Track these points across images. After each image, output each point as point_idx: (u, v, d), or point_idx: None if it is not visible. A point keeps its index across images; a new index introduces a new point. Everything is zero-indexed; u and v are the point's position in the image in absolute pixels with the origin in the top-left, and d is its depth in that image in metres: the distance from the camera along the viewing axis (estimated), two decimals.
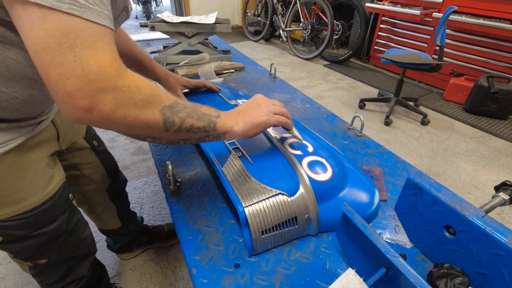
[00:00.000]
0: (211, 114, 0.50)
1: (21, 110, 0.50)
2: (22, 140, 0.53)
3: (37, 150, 0.58)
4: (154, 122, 0.41)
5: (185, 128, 0.45)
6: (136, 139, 0.45)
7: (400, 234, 0.58)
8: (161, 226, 1.34)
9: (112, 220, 1.02)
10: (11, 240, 0.57)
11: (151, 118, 0.41)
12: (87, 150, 0.82)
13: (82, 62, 0.34)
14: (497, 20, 2.36)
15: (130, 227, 1.13)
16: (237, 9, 4.89)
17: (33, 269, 0.67)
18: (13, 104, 0.48)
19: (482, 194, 1.71)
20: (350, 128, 0.91)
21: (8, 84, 0.45)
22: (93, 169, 0.85)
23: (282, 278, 0.49)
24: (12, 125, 0.51)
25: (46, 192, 0.58)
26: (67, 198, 0.65)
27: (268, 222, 0.51)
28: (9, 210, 0.54)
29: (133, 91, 0.38)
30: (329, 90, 2.96)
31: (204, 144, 0.68)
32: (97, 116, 0.36)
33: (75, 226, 0.68)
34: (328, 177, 0.58)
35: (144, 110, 0.40)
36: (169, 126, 0.43)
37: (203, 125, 0.48)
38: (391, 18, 3.17)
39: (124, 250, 1.23)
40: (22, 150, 0.54)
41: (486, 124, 2.39)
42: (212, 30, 1.24)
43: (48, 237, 0.61)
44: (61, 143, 0.69)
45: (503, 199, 0.53)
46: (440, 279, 0.44)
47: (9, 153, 0.51)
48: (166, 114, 0.42)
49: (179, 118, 0.44)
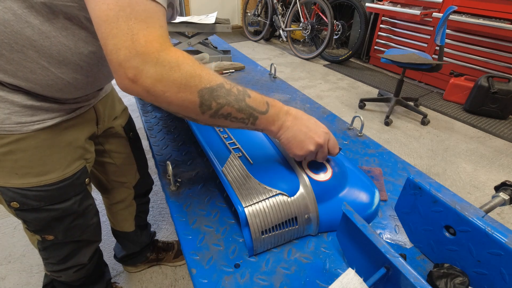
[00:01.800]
0: (256, 108, 0.48)
1: (64, 90, 0.54)
2: (58, 120, 0.56)
3: (71, 132, 0.61)
4: (191, 102, 0.42)
5: (222, 115, 0.45)
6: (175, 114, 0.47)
7: (400, 234, 0.58)
8: (171, 244, 1.29)
9: (128, 221, 1.02)
10: (26, 209, 0.60)
11: (188, 97, 0.42)
12: (123, 139, 0.84)
13: (133, 35, 0.37)
14: (497, 20, 2.36)
15: (142, 237, 1.11)
16: (237, 9, 4.89)
17: (41, 244, 0.70)
18: (58, 84, 0.52)
19: (482, 194, 1.71)
20: (350, 128, 0.91)
21: (57, 66, 0.50)
22: (124, 160, 0.86)
23: (282, 278, 0.49)
24: (53, 106, 0.55)
25: (67, 171, 0.62)
26: (83, 182, 0.67)
27: (268, 222, 0.51)
28: (30, 181, 0.57)
29: (173, 67, 0.40)
30: (329, 90, 2.96)
31: (204, 144, 0.68)
32: (140, 88, 0.39)
33: (85, 210, 0.70)
34: (328, 177, 0.58)
35: (182, 88, 0.41)
36: (205, 109, 0.43)
37: (241, 116, 0.47)
38: (391, 18, 3.17)
39: (129, 262, 1.19)
40: (57, 129, 0.57)
41: (486, 124, 2.39)
42: (212, 30, 1.24)
43: (59, 213, 0.64)
44: (100, 129, 0.73)
45: (503, 199, 0.53)
46: (440, 279, 0.44)
47: (44, 130, 0.55)
48: (204, 97, 0.43)
49: (217, 103, 0.44)
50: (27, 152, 0.55)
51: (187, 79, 0.41)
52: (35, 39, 0.46)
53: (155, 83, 0.39)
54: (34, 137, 0.54)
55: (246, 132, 0.71)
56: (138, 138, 0.91)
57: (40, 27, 0.45)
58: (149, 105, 1.02)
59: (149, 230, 1.18)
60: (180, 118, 0.93)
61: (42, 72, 0.49)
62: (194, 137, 0.84)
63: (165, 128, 0.90)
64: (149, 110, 1.00)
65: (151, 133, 0.87)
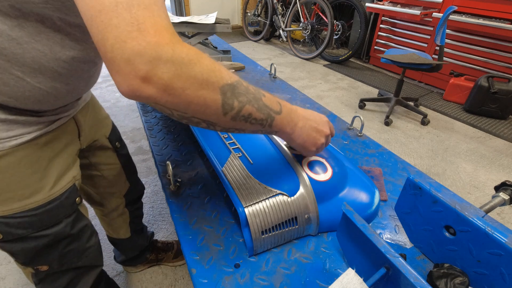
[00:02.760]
0: (272, 107, 0.45)
1: (42, 101, 0.49)
2: (36, 134, 0.51)
3: (52, 146, 0.56)
4: (213, 100, 0.37)
5: (243, 116, 0.41)
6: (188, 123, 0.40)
7: (400, 234, 0.58)
8: (170, 244, 1.28)
9: (122, 228, 0.99)
10: (11, 239, 0.54)
11: (210, 95, 0.36)
12: (109, 151, 0.80)
13: (140, 24, 0.31)
14: (497, 20, 2.36)
15: (139, 240, 1.10)
16: (237, 9, 4.89)
17: (35, 277, 0.64)
18: (36, 95, 0.47)
19: (482, 194, 1.71)
20: (350, 128, 0.91)
21: (32, 75, 0.45)
22: (113, 171, 0.83)
23: (282, 278, 0.49)
24: (30, 119, 0.49)
25: (53, 191, 0.56)
26: (74, 201, 0.61)
27: (268, 222, 0.51)
28: (12, 206, 0.51)
29: (191, 59, 0.34)
30: (329, 90, 2.96)
31: (204, 144, 0.68)
32: (155, 87, 0.33)
33: (80, 232, 0.64)
34: (328, 177, 0.58)
35: (204, 84, 0.35)
36: (228, 109, 0.38)
37: (261, 117, 0.43)
38: (391, 18, 3.17)
39: (128, 263, 1.20)
40: (36, 145, 0.52)
41: (486, 124, 2.39)
42: (212, 30, 1.24)
43: (51, 240, 0.58)
44: (82, 142, 0.67)
45: (503, 199, 0.53)
46: (440, 279, 0.44)
47: (22, 147, 0.49)
48: (226, 94, 0.38)
49: (239, 102, 0.39)
50: (5, 173, 0.49)
51: (208, 74, 0.36)
52: (5, 47, 0.41)
53: (173, 79, 0.33)
54: (11, 155, 0.49)
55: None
56: (124, 146, 0.88)
57: (9, 33, 0.40)
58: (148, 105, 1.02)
59: (146, 233, 1.17)
60: None
61: (16, 83, 0.44)
62: (194, 137, 0.84)
63: (165, 128, 0.90)
64: (149, 110, 1.00)
65: (151, 133, 0.87)
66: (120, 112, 2.41)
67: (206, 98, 0.36)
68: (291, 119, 0.49)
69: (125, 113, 2.40)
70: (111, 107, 2.47)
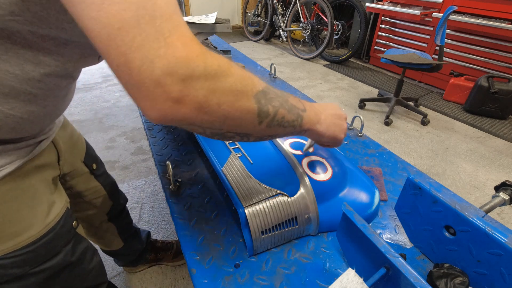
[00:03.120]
0: (298, 106, 0.43)
1: (17, 128, 0.43)
2: (18, 164, 0.46)
3: (36, 175, 0.51)
4: (249, 110, 0.34)
5: (277, 121, 0.39)
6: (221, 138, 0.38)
7: (400, 234, 0.58)
8: (170, 244, 1.26)
9: (114, 240, 0.96)
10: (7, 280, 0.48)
11: (246, 105, 0.34)
12: (87, 174, 0.76)
13: (166, 39, 0.27)
14: (497, 20, 2.36)
15: (134, 245, 1.07)
16: (237, 9, 4.89)
17: None
18: (8, 123, 0.41)
19: (482, 194, 1.71)
20: (350, 128, 0.91)
21: (3, 101, 0.38)
22: (94, 194, 0.81)
23: (282, 278, 0.49)
24: (8, 147, 0.44)
25: (47, 222, 0.51)
26: (71, 227, 0.57)
27: (268, 222, 0.51)
28: (5, 246, 0.46)
29: (223, 72, 0.31)
30: (329, 90, 2.96)
31: (204, 144, 0.68)
32: (189, 107, 0.30)
33: (81, 257, 0.60)
34: (328, 177, 0.58)
35: (238, 95, 0.33)
36: (263, 116, 0.36)
37: (292, 119, 0.41)
38: (391, 18, 3.17)
39: (128, 265, 1.19)
40: (19, 175, 0.47)
41: (486, 124, 2.39)
42: (212, 30, 1.24)
43: (51, 272, 0.53)
44: (62, 166, 0.63)
45: (503, 199, 0.53)
46: (440, 279, 0.44)
47: (3, 180, 0.44)
48: (261, 101, 0.35)
49: (273, 107, 0.37)
50: None
51: (242, 83, 0.33)
52: None
53: (208, 95, 0.30)
54: None
55: None
56: (100, 164, 0.84)
57: None
58: None
59: (140, 236, 1.12)
60: None
61: None
62: (194, 137, 0.84)
63: (165, 128, 0.89)
64: None
65: (151, 133, 0.87)
66: (120, 112, 2.41)
67: (243, 109, 0.34)
68: (315, 114, 0.47)
69: (125, 113, 2.40)
70: (111, 107, 2.47)
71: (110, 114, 2.38)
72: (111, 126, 2.23)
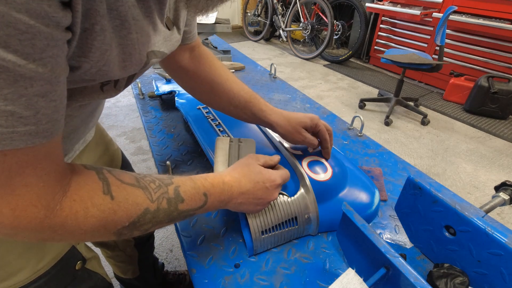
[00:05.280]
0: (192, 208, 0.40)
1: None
2: None
3: None
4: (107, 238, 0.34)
5: (152, 229, 0.38)
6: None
7: (400, 234, 0.58)
8: (182, 276, 1.17)
9: (130, 269, 0.90)
10: None
11: (103, 238, 0.34)
12: None
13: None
14: (497, 20, 2.36)
15: (148, 278, 0.98)
16: (237, 9, 4.89)
17: None
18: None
19: (482, 194, 1.71)
20: (350, 128, 0.91)
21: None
22: None
23: (282, 278, 0.49)
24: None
25: (40, 266, 0.45)
26: (73, 269, 0.50)
27: (268, 222, 0.51)
28: None
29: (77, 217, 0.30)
30: (329, 90, 2.96)
31: (204, 144, 0.68)
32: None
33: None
34: (328, 177, 0.58)
35: (94, 232, 0.32)
36: (123, 236, 0.35)
37: (176, 221, 0.40)
38: (391, 18, 3.17)
39: None
40: None
41: (486, 124, 2.39)
42: (212, 30, 1.24)
43: None
44: None
45: (503, 199, 0.53)
46: (440, 279, 0.44)
47: None
48: (122, 233, 0.34)
49: (140, 231, 0.36)
50: None
51: (98, 229, 0.32)
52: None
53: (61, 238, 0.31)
54: None
55: (246, 131, 0.71)
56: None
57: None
58: (149, 105, 1.02)
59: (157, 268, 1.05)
60: (181, 118, 0.93)
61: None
62: (194, 137, 0.84)
63: (165, 128, 0.89)
64: (149, 110, 1.00)
65: (151, 133, 0.87)
66: (120, 112, 2.41)
67: (98, 239, 0.34)
68: (219, 205, 0.44)
69: (125, 113, 2.40)
70: (111, 107, 2.47)
71: (110, 114, 2.38)
72: (111, 126, 2.23)
